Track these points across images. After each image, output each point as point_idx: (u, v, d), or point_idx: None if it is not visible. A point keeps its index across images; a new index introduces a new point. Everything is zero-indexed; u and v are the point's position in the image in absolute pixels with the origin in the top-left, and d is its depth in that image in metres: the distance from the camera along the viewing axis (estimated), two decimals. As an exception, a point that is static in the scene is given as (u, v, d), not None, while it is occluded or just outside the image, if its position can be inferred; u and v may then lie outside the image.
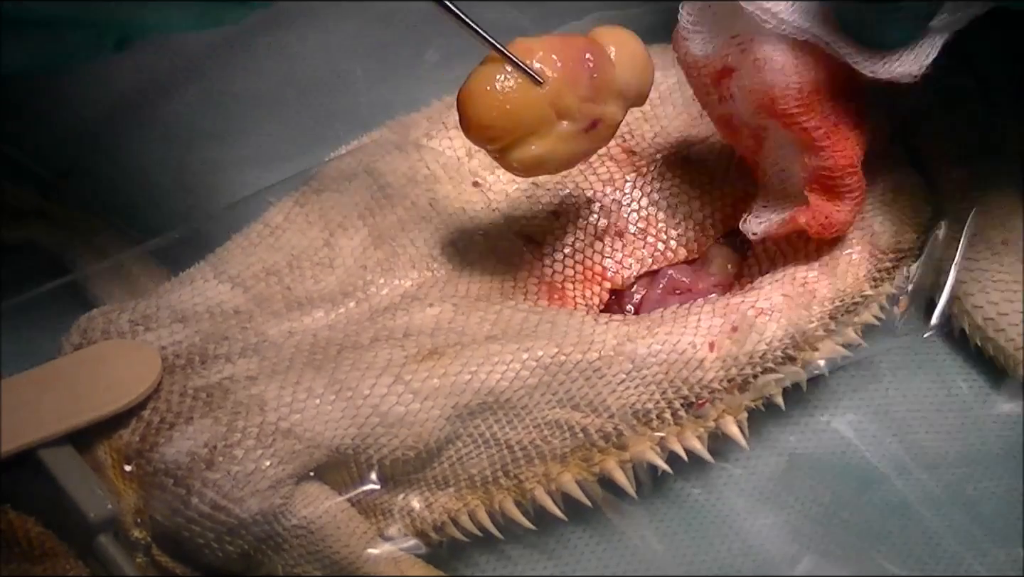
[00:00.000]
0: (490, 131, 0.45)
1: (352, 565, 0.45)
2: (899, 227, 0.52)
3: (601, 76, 0.46)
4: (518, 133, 0.45)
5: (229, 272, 0.49)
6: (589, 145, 0.47)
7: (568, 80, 0.45)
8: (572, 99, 0.45)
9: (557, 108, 0.45)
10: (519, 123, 0.45)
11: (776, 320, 0.48)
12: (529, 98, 0.45)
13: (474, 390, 0.45)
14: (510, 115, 0.45)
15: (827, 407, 0.51)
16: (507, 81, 0.45)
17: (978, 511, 0.49)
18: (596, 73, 0.46)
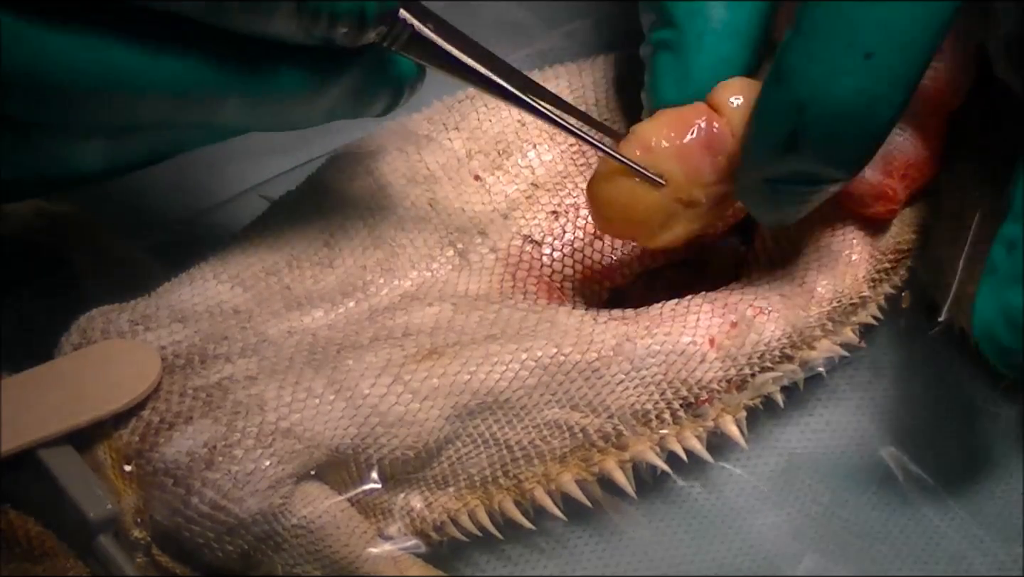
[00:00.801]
0: (621, 234, 0.48)
1: (352, 565, 0.45)
2: (899, 227, 0.52)
3: (724, 156, 0.46)
4: (647, 230, 0.46)
5: (229, 272, 0.49)
6: (720, 213, 0.48)
7: (691, 175, 0.46)
8: (697, 190, 0.46)
9: (682, 202, 0.46)
10: (646, 224, 0.46)
11: (774, 320, 0.48)
12: (653, 202, 0.46)
13: (473, 390, 0.45)
14: (637, 221, 0.46)
15: (827, 406, 0.51)
16: (629, 188, 0.46)
17: (979, 510, 0.49)
18: (719, 155, 0.46)
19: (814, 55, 0.43)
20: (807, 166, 0.45)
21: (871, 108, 0.44)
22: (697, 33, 0.48)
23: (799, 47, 0.44)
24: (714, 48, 0.48)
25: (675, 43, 0.49)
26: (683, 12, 0.48)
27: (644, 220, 0.46)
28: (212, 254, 0.50)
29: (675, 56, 0.49)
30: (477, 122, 0.53)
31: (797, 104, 0.44)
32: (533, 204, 0.52)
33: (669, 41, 0.49)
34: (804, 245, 0.51)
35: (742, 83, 0.47)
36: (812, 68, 0.43)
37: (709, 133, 0.46)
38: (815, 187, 0.46)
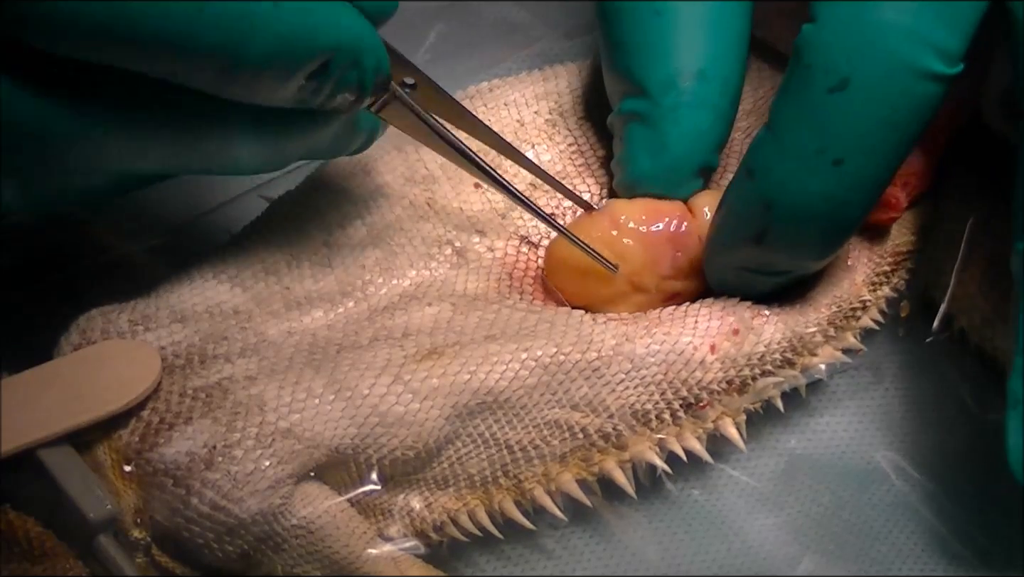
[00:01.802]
0: (567, 294, 0.49)
1: (352, 565, 0.45)
2: (897, 230, 0.52)
3: (685, 256, 0.48)
4: (594, 301, 0.48)
5: (228, 272, 0.49)
6: (664, 303, 0.49)
7: (649, 264, 0.48)
8: (651, 278, 0.48)
9: (633, 284, 0.48)
10: (595, 297, 0.48)
11: (774, 324, 0.48)
12: (605, 279, 0.48)
13: (473, 390, 0.45)
14: (587, 289, 0.48)
15: (827, 408, 0.51)
16: (587, 268, 0.48)
17: (978, 511, 0.49)
18: (680, 253, 0.48)
19: (784, 156, 0.44)
20: (774, 258, 0.46)
21: (838, 211, 0.45)
22: (671, 106, 0.49)
23: (770, 146, 0.44)
24: (688, 120, 0.49)
25: (649, 115, 0.49)
26: (656, 85, 0.49)
27: (593, 291, 0.48)
28: (212, 254, 0.50)
29: (649, 128, 0.49)
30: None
31: (766, 201, 0.45)
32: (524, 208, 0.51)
33: (642, 113, 0.49)
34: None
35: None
36: (781, 169, 0.44)
37: (677, 230, 0.48)
38: (781, 275, 0.47)
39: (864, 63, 0.43)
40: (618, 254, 0.48)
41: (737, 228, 0.46)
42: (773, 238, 0.45)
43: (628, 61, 0.49)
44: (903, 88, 0.43)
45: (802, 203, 0.44)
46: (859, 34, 0.43)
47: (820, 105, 0.43)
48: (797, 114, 0.44)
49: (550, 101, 0.55)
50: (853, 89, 0.43)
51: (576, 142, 0.54)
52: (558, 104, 0.55)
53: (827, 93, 0.43)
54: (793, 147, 0.44)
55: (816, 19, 0.44)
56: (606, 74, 0.51)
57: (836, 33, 0.43)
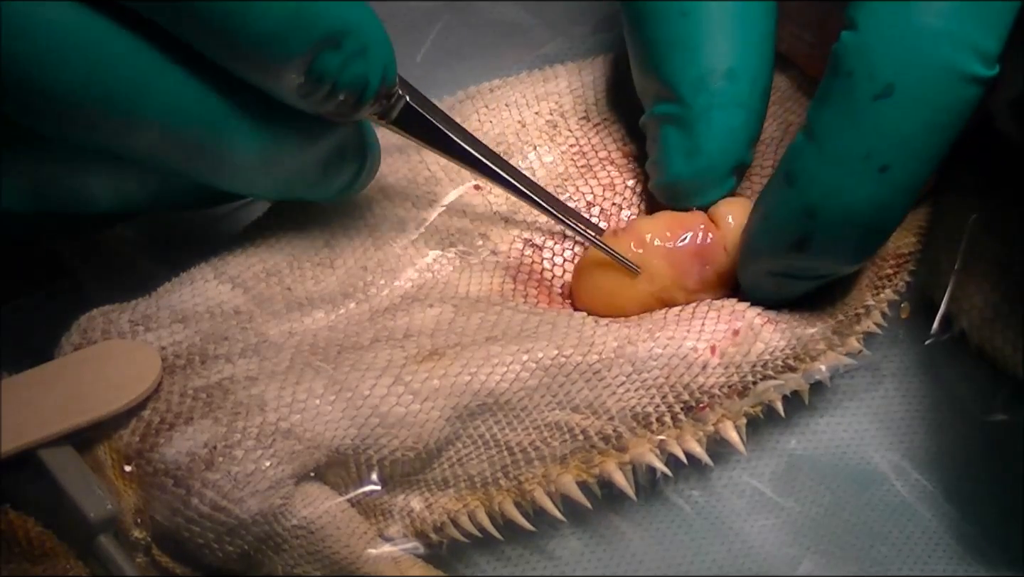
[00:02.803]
0: (597, 314, 0.49)
1: (352, 565, 0.45)
2: (898, 232, 0.52)
3: (712, 268, 0.48)
4: (621, 315, 0.48)
5: (229, 272, 0.49)
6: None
7: (676, 278, 0.48)
8: (679, 293, 0.48)
9: (663, 301, 0.48)
10: (622, 311, 0.48)
11: (780, 329, 0.48)
12: (636, 296, 0.48)
13: (474, 391, 0.45)
14: (617, 308, 0.48)
15: (827, 409, 0.51)
16: (617, 278, 0.48)
17: (978, 511, 0.49)
18: (708, 265, 0.48)
19: (828, 164, 0.44)
20: (813, 263, 0.46)
21: (882, 215, 0.45)
22: (703, 107, 0.49)
23: (812, 154, 0.44)
24: (721, 120, 0.49)
25: (681, 118, 0.49)
26: (687, 87, 0.49)
27: (622, 308, 0.48)
28: (213, 254, 0.49)
29: (682, 131, 0.49)
30: (478, 123, 0.53)
31: (809, 209, 0.45)
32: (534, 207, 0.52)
33: (675, 116, 0.49)
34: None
35: (743, 204, 0.49)
36: (825, 176, 0.44)
37: (703, 242, 0.48)
38: (819, 279, 0.47)
39: (909, 69, 0.43)
40: (645, 273, 0.48)
41: (777, 235, 0.46)
42: (816, 244, 0.45)
43: (657, 63, 0.49)
44: (947, 92, 0.43)
45: (847, 210, 0.44)
46: (903, 40, 0.43)
47: (865, 112, 0.43)
48: (841, 122, 0.44)
49: (551, 102, 0.55)
50: (898, 95, 0.43)
51: (578, 143, 0.54)
52: (559, 105, 0.55)
53: (872, 100, 0.43)
54: (838, 155, 0.44)
55: (856, 26, 0.43)
56: (636, 75, 0.51)
57: (880, 40, 0.43)
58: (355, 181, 0.48)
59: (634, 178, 0.53)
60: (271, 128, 0.44)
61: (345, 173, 0.47)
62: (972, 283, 0.52)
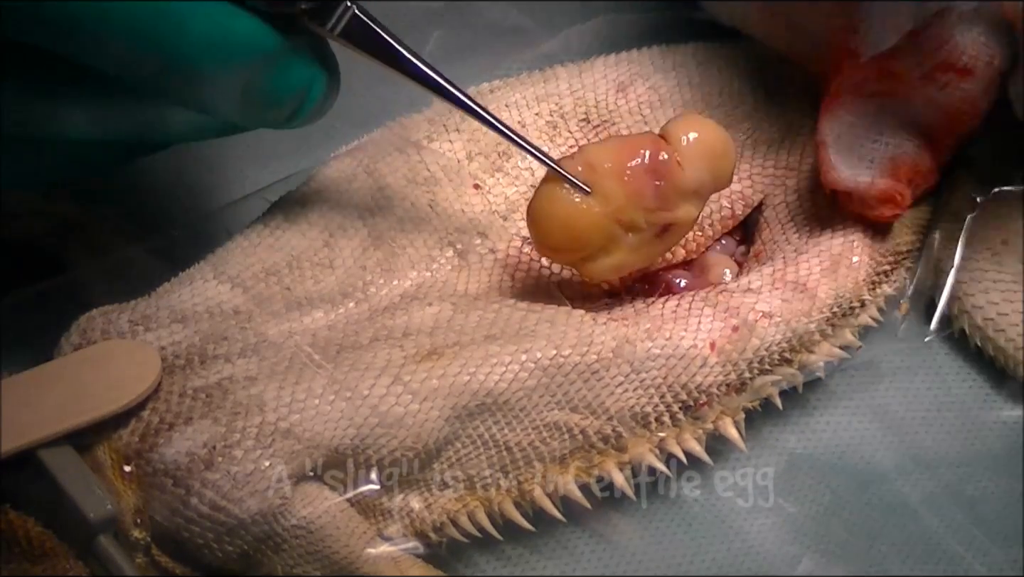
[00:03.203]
0: (559, 253, 0.47)
1: (352, 565, 0.45)
2: (898, 229, 0.52)
3: (668, 183, 0.46)
4: (586, 251, 0.46)
5: (229, 272, 0.49)
6: (664, 246, 0.48)
7: (632, 197, 0.46)
8: (637, 213, 0.46)
9: (623, 223, 0.46)
10: (586, 243, 0.46)
11: (776, 324, 0.48)
12: (592, 219, 0.46)
13: (473, 391, 0.45)
14: (575, 236, 0.46)
15: (826, 408, 0.51)
16: (569, 203, 0.46)
17: (978, 511, 0.49)
18: (662, 181, 0.46)
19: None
20: None
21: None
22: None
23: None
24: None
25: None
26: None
27: (583, 238, 0.46)
28: (212, 254, 0.50)
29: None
30: (478, 124, 0.53)
31: None
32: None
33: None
34: (805, 248, 0.51)
35: (697, 120, 0.48)
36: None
37: (655, 161, 0.46)
38: None
39: None
40: (597, 195, 0.46)
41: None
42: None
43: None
44: None
45: None
46: None
47: None
48: None
49: (551, 103, 0.55)
50: None
51: (577, 144, 0.54)
52: (559, 106, 0.55)
53: None
54: None
55: None
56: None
57: None
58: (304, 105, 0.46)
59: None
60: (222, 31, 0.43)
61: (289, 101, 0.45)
62: (972, 282, 0.52)
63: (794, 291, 0.49)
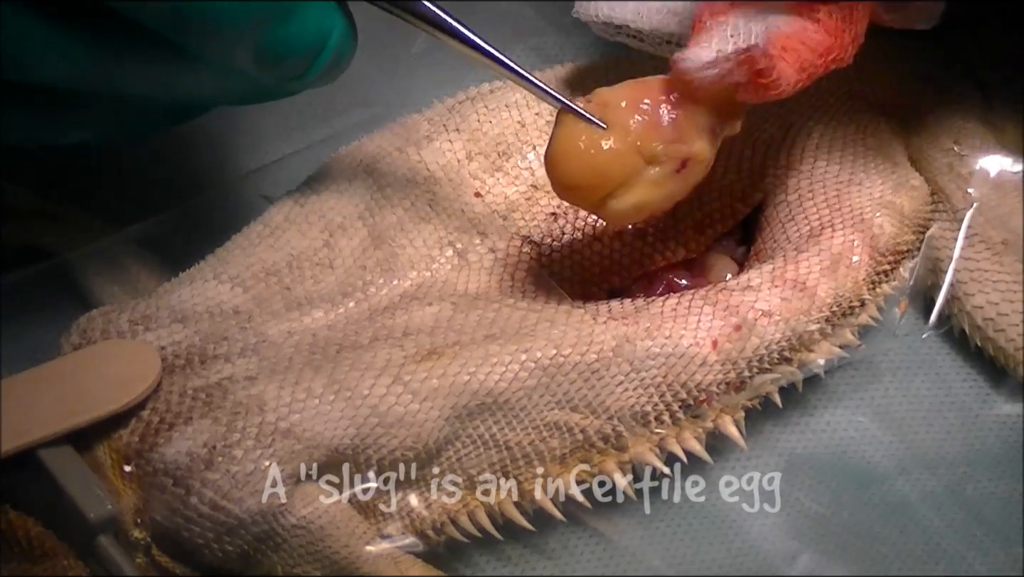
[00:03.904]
0: (580, 191, 0.46)
1: (351, 565, 0.45)
2: (899, 228, 0.52)
3: (683, 116, 0.46)
4: (609, 187, 0.46)
5: (229, 272, 0.49)
6: (684, 184, 0.47)
7: (648, 124, 0.46)
8: (656, 143, 0.46)
9: (643, 155, 0.46)
10: (608, 177, 0.46)
11: (775, 323, 0.48)
12: (613, 150, 0.45)
13: (473, 391, 0.45)
14: (596, 170, 0.45)
15: (827, 407, 0.51)
16: (587, 138, 0.45)
17: (978, 511, 0.49)
18: (676, 112, 0.46)
19: None
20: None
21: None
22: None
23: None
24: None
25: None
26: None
27: (605, 170, 0.46)
28: (212, 254, 0.50)
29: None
30: (477, 124, 0.53)
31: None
32: (532, 206, 0.52)
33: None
34: (805, 247, 0.50)
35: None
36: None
37: (668, 96, 0.46)
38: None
39: None
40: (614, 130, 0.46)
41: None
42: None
43: None
44: None
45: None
46: None
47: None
48: None
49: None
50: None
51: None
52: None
53: None
54: None
55: None
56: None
57: None
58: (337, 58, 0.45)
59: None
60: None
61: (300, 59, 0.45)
62: (972, 282, 0.52)
63: (794, 290, 0.49)
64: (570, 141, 0.46)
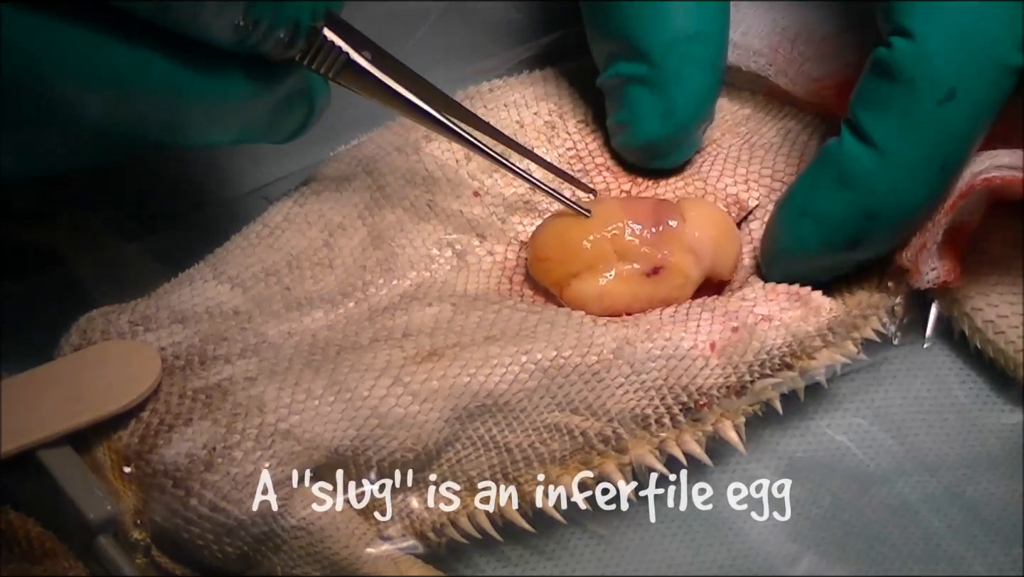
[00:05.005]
0: (547, 263, 0.48)
1: (351, 565, 0.45)
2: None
3: (669, 231, 0.48)
4: (574, 267, 0.48)
5: (228, 272, 0.49)
6: (654, 290, 0.48)
7: (630, 218, 0.48)
8: (632, 240, 0.48)
9: (617, 248, 0.48)
10: (575, 255, 0.48)
11: (775, 327, 0.48)
12: (587, 231, 0.48)
13: (473, 393, 0.45)
14: (565, 246, 0.48)
15: (827, 410, 0.51)
16: (568, 219, 0.48)
17: (978, 512, 0.49)
18: (661, 219, 0.48)
19: (891, 168, 0.45)
20: (859, 257, 0.48)
21: (933, 207, 0.47)
22: (675, 69, 0.50)
23: (873, 159, 0.46)
24: (692, 82, 0.50)
25: (652, 79, 0.50)
26: (658, 49, 0.49)
27: (573, 247, 0.48)
28: (212, 255, 0.50)
29: (654, 92, 0.50)
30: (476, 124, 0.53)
31: (870, 212, 0.46)
32: (531, 210, 0.52)
33: (644, 76, 0.50)
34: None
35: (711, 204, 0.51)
36: (888, 181, 0.46)
37: (661, 204, 0.49)
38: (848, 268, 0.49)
39: (969, 72, 0.44)
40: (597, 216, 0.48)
41: (833, 235, 0.47)
42: (868, 242, 0.47)
43: (623, 22, 0.50)
44: (1000, 88, 0.45)
45: (909, 209, 0.46)
46: (964, 46, 0.44)
47: (929, 118, 0.45)
48: (904, 128, 0.45)
49: (550, 103, 0.55)
50: (960, 98, 0.45)
51: (575, 146, 0.54)
52: (558, 106, 0.55)
53: (936, 105, 0.45)
54: (901, 159, 0.45)
55: (913, 35, 0.45)
56: (593, 36, 0.52)
57: (942, 47, 0.45)
58: (305, 124, 0.48)
59: (629, 182, 0.53)
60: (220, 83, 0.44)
61: (294, 117, 0.47)
62: (972, 286, 0.51)
63: (793, 298, 0.49)
64: (551, 221, 0.49)
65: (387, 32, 0.48)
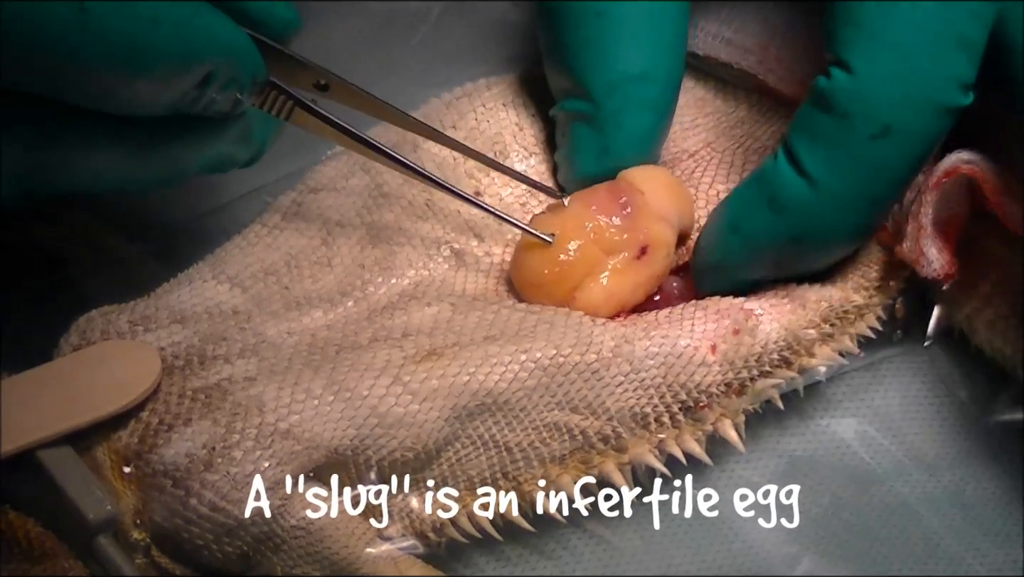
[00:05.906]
0: (545, 288, 0.48)
1: (351, 565, 0.45)
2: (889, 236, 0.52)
3: (635, 208, 0.48)
4: (572, 280, 0.48)
5: (227, 272, 0.49)
6: (649, 271, 0.49)
7: (600, 214, 0.48)
8: (612, 232, 0.48)
9: (602, 246, 0.48)
10: (569, 270, 0.48)
11: (768, 323, 0.48)
12: (571, 243, 0.48)
13: (472, 392, 0.45)
14: (556, 265, 0.48)
15: (826, 410, 0.51)
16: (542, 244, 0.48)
17: (977, 512, 0.49)
18: (628, 208, 0.48)
19: (823, 199, 0.46)
20: (785, 272, 0.48)
21: (864, 236, 0.48)
22: (614, 110, 0.49)
23: (802, 188, 0.46)
24: (632, 123, 0.50)
25: (593, 117, 0.50)
26: (599, 88, 0.49)
27: (564, 264, 0.48)
28: (211, 255, 0.50)
29: (594, 130, 0.50)
30: (475, 122, 0.53)
31: (797, 237, 0.47)
32: (528, 213, 0.51)
33: (586, 113, 0.50)
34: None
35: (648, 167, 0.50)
36: (819, 210, 0.46)
37: (616, 188, 0.49)
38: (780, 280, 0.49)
39: (905, 110, 0.45)
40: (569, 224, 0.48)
41: (757, 255, 0.48)
42: (794, 263, 0.48)
43: (570, 62, 0.50)
44: (936, 126, 0.45)
45: (834, 237, 0.47)
46: (901, 83, 0.45)
47: (863, 152, 0.45)
48: (837, 161, 0.45)
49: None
50: (895, 135, 0.45)
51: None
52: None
53: (869, 140, 0.45)
54: (831, 191, 0.46)
55: (852, 70, 0.45)
56: (548, 71, 0.52)
57: (878, 84, 0.45)
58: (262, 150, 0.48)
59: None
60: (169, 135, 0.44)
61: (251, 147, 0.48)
62: (972, 285, 0.51)
63: (782, 294, 0.49)
64: (526, 246, 0.48)
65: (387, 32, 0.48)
